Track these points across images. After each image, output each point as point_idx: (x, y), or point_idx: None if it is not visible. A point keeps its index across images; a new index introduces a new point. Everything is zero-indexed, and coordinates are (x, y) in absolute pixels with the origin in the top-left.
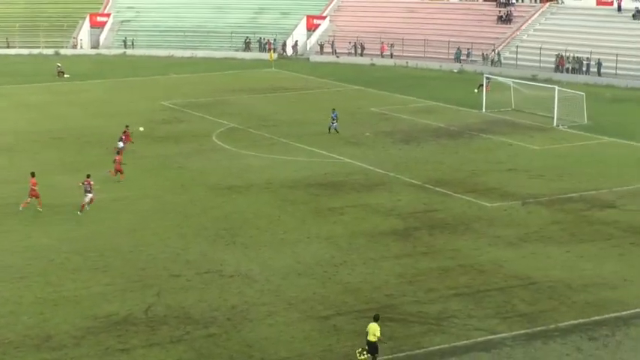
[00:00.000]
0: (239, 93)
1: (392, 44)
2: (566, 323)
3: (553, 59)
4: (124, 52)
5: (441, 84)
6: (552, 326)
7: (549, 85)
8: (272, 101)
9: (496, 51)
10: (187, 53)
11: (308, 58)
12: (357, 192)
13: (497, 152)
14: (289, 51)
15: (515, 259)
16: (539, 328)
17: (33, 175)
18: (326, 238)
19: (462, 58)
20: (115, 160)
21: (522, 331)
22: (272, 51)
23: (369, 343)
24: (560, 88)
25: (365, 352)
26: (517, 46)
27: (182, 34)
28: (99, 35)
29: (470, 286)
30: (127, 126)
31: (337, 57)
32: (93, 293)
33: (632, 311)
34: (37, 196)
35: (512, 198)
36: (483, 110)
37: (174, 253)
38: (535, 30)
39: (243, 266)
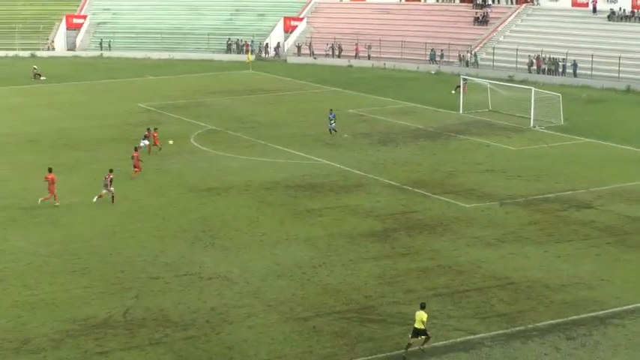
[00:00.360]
0: (217, 95)
1: (369, 45)
2: (544, 323)
3: (529, 60)
4: (101, 54)
5: (418, 85)
6: (531, 326)
7: (526, 86)
8: (250, 103)
9: (473, 52)
10: (164, 55)
11: (285, 60)
12: (336, 193)
13: (475, 153)
14: (272, 53)
15: (493, 260)
16: (517, 328)
17: (50, 170)
18: (305, 240)
19: (436, 59)
20: (133, 156)
21: (501, 331)
22: (249, 53)
23: (416, 330)
24: (536, 89)
25: (412, 338)
26: (494, 48)
27: (159, 36)
28: (75, 37)
29: (449, 286)
30: (155, 128)
31: (314, 58)
32: (71, 296)
33: (609, 311)
34: (52, 192)
35: (490, 199)
36: (461, 111)
37: (152, 256)
38: (511, 31)
39: (222, 268)
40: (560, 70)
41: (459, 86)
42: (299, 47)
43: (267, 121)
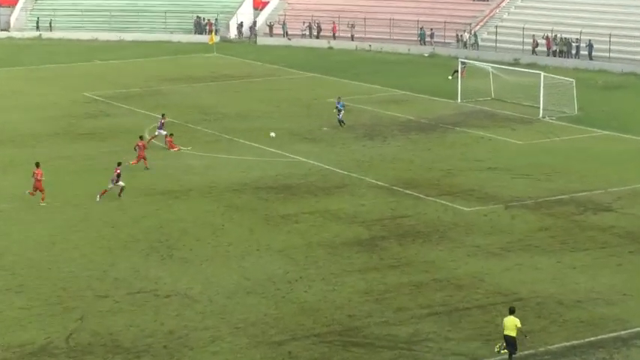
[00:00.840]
0: (175, 82)
1: (352, 24)
2: (557, 345)
3: (533, 41)
4: (40, 35)
5: (409, 70)
6: (542, 349)
7: (534, 71)
8: (214, 91)
9: (472, 32)
10: (114, 36)
11: (255, 41)
12: (314, 196)
13: (476, 148)
14: (246, 33)
15: (497, 272)
16: (526, 352)
17: (38, 165)
18: (279, 251)
19: (426, 39)
20: (138, 146)
21: (507, 356)
22: (213, 33)
23: (508, 338)
24: (546, 74)
25: (503, 347)
26: (496, 26)
27: (108, 14)
28: (9, 16)
29: (446, 303)
30: (171, 134)
31: (289, 39)
32: (4, 319)
33: (633, 330)
34: (41, 190)
35: (493, 201)
36: (459, 100)
37: (100, 270)
38: (517, 7)
39: (181, 284)
40: (574, 51)
41: (457, 71)
42: (271, 26)
43: (233, 112)
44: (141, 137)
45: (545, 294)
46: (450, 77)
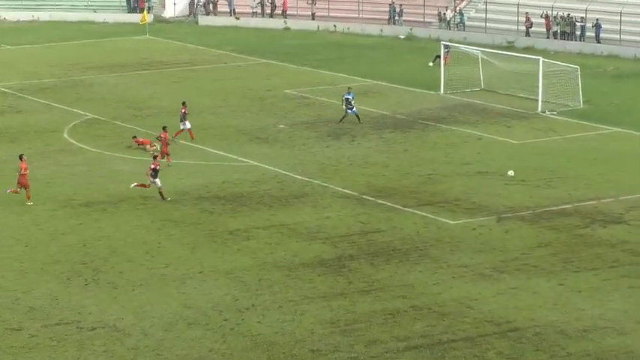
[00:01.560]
0: (100, 70)
1: (313, 0)
2: None
3: (527, 20)
4: None
5: (382, 55)
6: None
7: (531, 56)
8: (146, 82)
9: (457, 9)
10: (26, 16)
11: (196, 21)
12: (269, 207)
13: (462, 149)
14: (185, 11)
15: (488, 297)
16: None
17: (21, 157)
18: (226, 273)
19: (396, 18)
20: (160, 137)
21: None
22: (145, 11)
23: None
24: (545, 60)
25: None
26: (486, 2)
27: None
28: None
29: (427, 335)
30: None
31: (237, 19)
32: None
33: None
34: (26, 186)
35: (483, 212)
36: (442, 91)
37: (11, 298)
38: None
39: (109, 314)
40: (578, 32)
41: (439, 56)
42: (214, 3)
43: (170, 106)
44: (164, 128)
45: (545, 322)
46: (430, 64)
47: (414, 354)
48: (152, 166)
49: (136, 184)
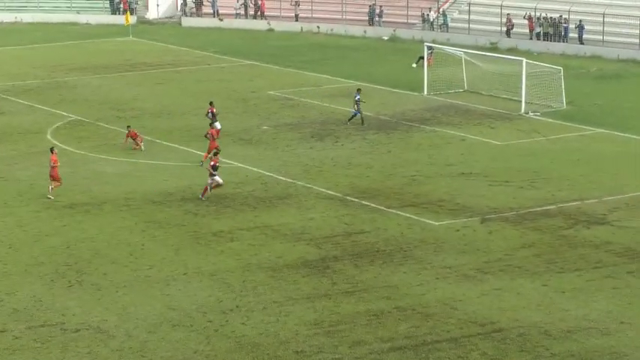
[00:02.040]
0: (83, 72)
1: (297, 2)
2: None
3: (507, 21)
4: None
5: (365, 57)
6: None
7: (515, 57)
8: (130, 83)
9: (440, 10)
10: (9, 17)
11: (179, 22)
12: (253, 209)
13: (446, 150)
14: (168, 12)
15: (472, 298)
16: None
17: (52, 150)
18: (210, 275)
19: (376, 19)
20: (208, 133)
21: None
22: (128, 12)
23: None
24: (529, 61)
25: None
26: (469, 3)
27: None
28: None
29: (411, 336)
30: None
31: (221, 20)
32: None
33: None
34: (55, 179)
35: (467, 213)
36: (425, 92)
37: None
38: None
39: (94, 316)
40: (562, 33)
41: (422, 58)
42: (198, 4)
43: (154, 108)
44: (211, 124)
45: (529, 323)
46: (414, 65)
47: (399, 355)
48: (212, 163)
49: (204, 192)
